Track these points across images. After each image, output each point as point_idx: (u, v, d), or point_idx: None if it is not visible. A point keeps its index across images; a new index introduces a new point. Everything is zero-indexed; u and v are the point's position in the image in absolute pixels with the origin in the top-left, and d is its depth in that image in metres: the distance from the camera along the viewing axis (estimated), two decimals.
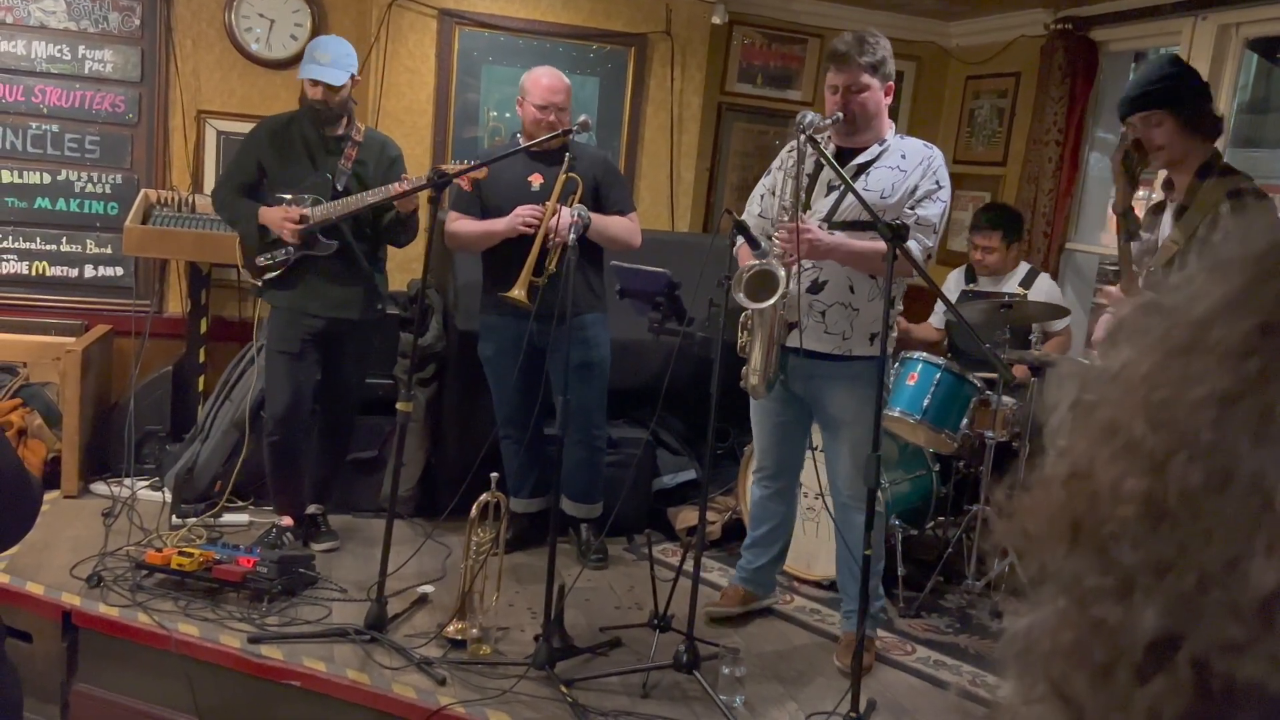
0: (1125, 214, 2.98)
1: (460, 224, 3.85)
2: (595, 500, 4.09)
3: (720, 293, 3.16)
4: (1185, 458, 0.43)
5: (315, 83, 3.66)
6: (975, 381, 3.99)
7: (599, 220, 3.69)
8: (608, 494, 4.09)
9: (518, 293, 3.55)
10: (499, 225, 3.72)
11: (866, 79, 3.14)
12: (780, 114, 5.58)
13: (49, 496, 4.12)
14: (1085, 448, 0.48)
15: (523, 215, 3.66)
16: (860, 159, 3.21)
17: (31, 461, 4.23)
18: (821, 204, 3.21)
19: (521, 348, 3.73)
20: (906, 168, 3.18)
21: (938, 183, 3.18)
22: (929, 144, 3.29)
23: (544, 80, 3.76)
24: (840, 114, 3.13)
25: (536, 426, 3.94)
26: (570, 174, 3.68)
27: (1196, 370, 0.44)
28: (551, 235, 3.61)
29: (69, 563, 3.59)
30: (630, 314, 4.17)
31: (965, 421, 3.97)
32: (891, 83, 3.23)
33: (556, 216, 3.60)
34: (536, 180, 3.78)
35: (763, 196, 3.40)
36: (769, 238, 3.17)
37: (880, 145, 3.23)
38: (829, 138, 3.23)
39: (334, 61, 3.67)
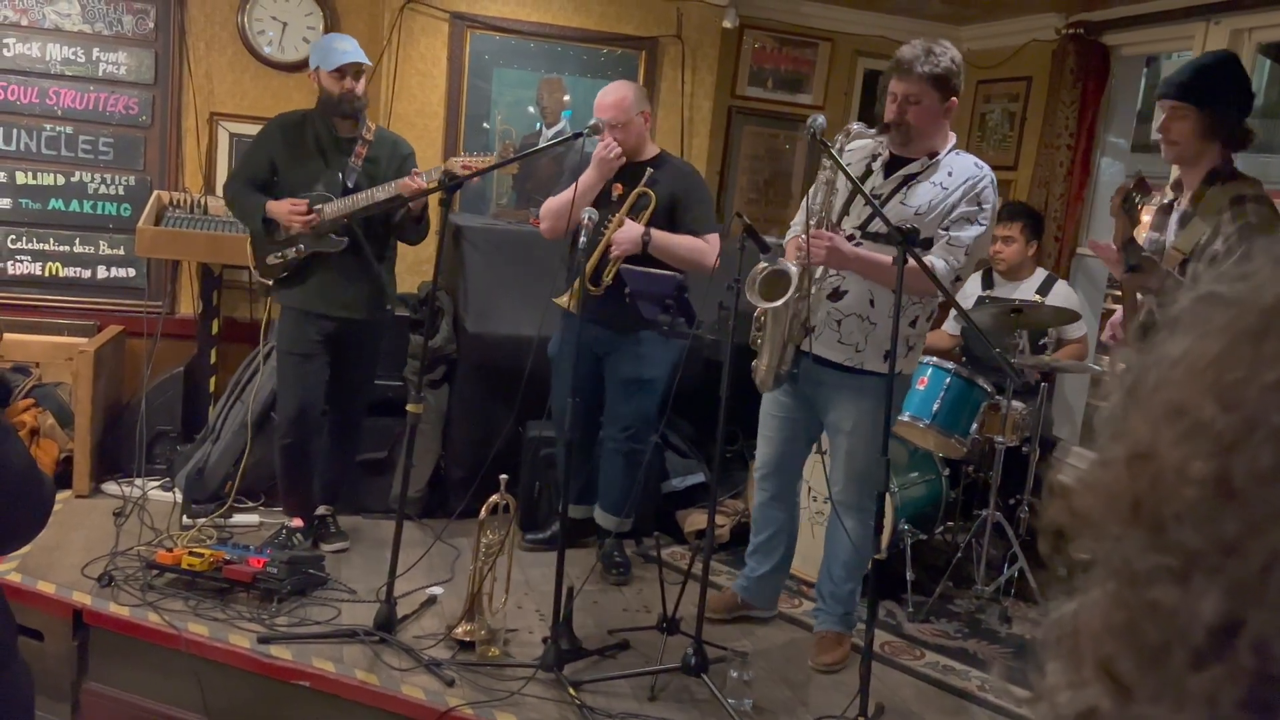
0: (1126, 246, 2.95)
1: (551, 200, 3.81)
2: (626, 514, 4.02)
3: (730, 295, 3.17)
4: (1256, 440, 0.43)
5: (342, 74, 3.66)
6: (985, 386, 3.99)
7: (661, 238, 3.65)
8: None
9: (567, 301, 3.55)
10: (588, 176, 3.67)
11: (925, 89, 3.09)
12: (790, 118, 5.58)
13: (60, 496, 4.14)
14: (1147, 430, 0.48)
15: (602, 151, 3.63)
16: (906, 170, 3.18)
17: (44, 461, 4.25)
18: (858, 213, 3.20)
19: (580, 351, 3.71)
20: (949, 186, 3.13)
21: (979, 204, 3.12)
22: (981, 163, 3.20)
23: (600, 101, 3.74)
24: (891, 123, 3.10)
25: (586, 433, 3.95)
26: (645, 189, 3.67)
27: (1269, 354, 0.45)
28: (612, 247, 3.62)
29: (80, 562, 3.60)
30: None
31: (975, 426, 3.97)
32: (955, 98, 3.16)
33: (620, 228, 3.61)
34: (617, 190, 3.76)
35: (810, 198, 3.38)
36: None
37: (929, 159, 3.17)
38: (884, 144, 3.21)
39: (355, 47, 3.73)
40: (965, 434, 3.96)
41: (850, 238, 3.15)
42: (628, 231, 3.65)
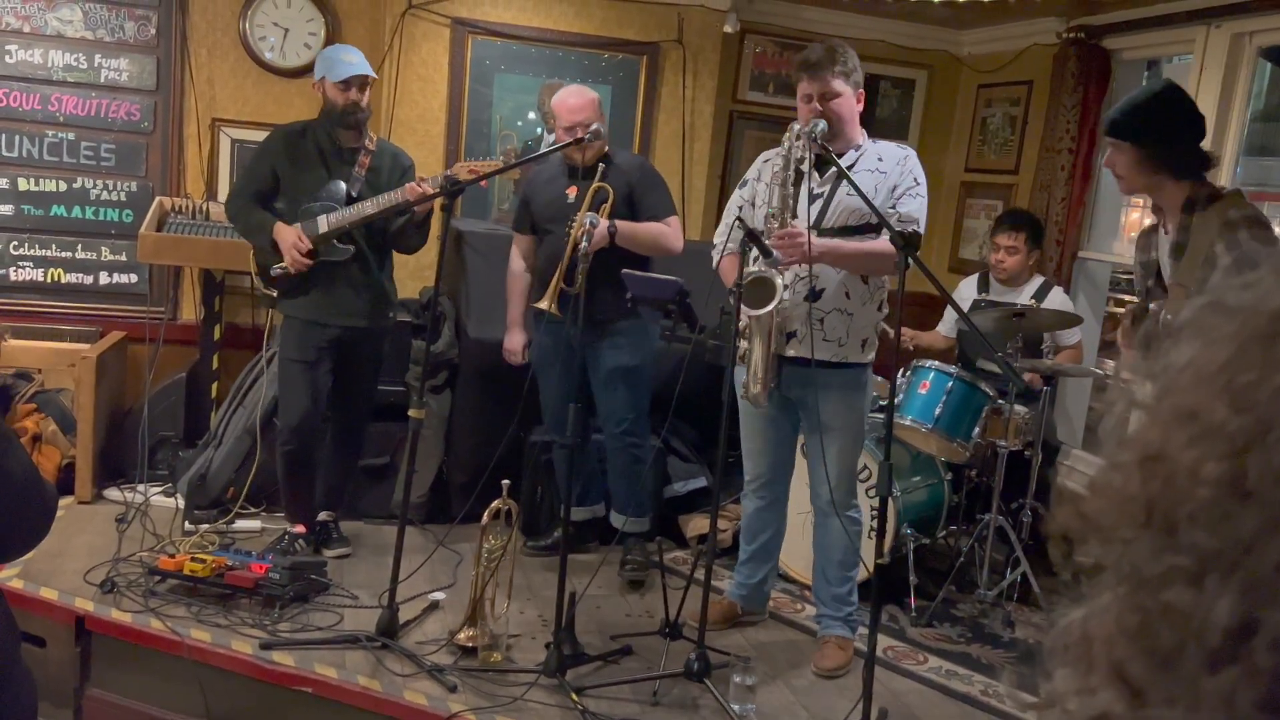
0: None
1: (512, 262, 4.10)
2: (638, 513, 4.02)
3: (731, 301, 3.17)
4: (1270, 441, 0.44)
5: (348, 86, 3.67)
6: (987, 390, 3.98)
7: (625, 227, 3.73)
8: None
9: (546, 304, 3.63)
10: (511, 311, 4.05)
11: (839, 85, 3.23)
12: (791, 122, 5.57)
13: (63, 502, 4.14)
14: (1158, 434, 0.48)
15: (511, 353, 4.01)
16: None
17: (46, 468, 4.25)
18: (806, 212, 3.23)
19: (563, 354, 3.76)
20: (885, 169, 3.26)
21: (915, 180, 3.25)
22: (902, 144, 3.40)
23: (567, 101, 3.81)
24: (823, 121, 3.19)
25: (580, 434, 3.97)
26: (601, 184, 3.74)
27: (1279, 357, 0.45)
28: (580, 246, 3.65)
29: (82, 568, 3.60)
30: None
31: (977, 430, 3.97)
32: (862, 90, 3.32)
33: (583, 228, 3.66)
34: (572, 193, 3.83)
35: (740, 208, 3.43)
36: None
37: (856, 150, 3.30)
38: (805, 146, 3.25)
39: (361, 59, 3.74)
40: (967, 438, 3.95)
41: None
42: (600, 230, 3.68)
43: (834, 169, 3.21)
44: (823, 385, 3.27)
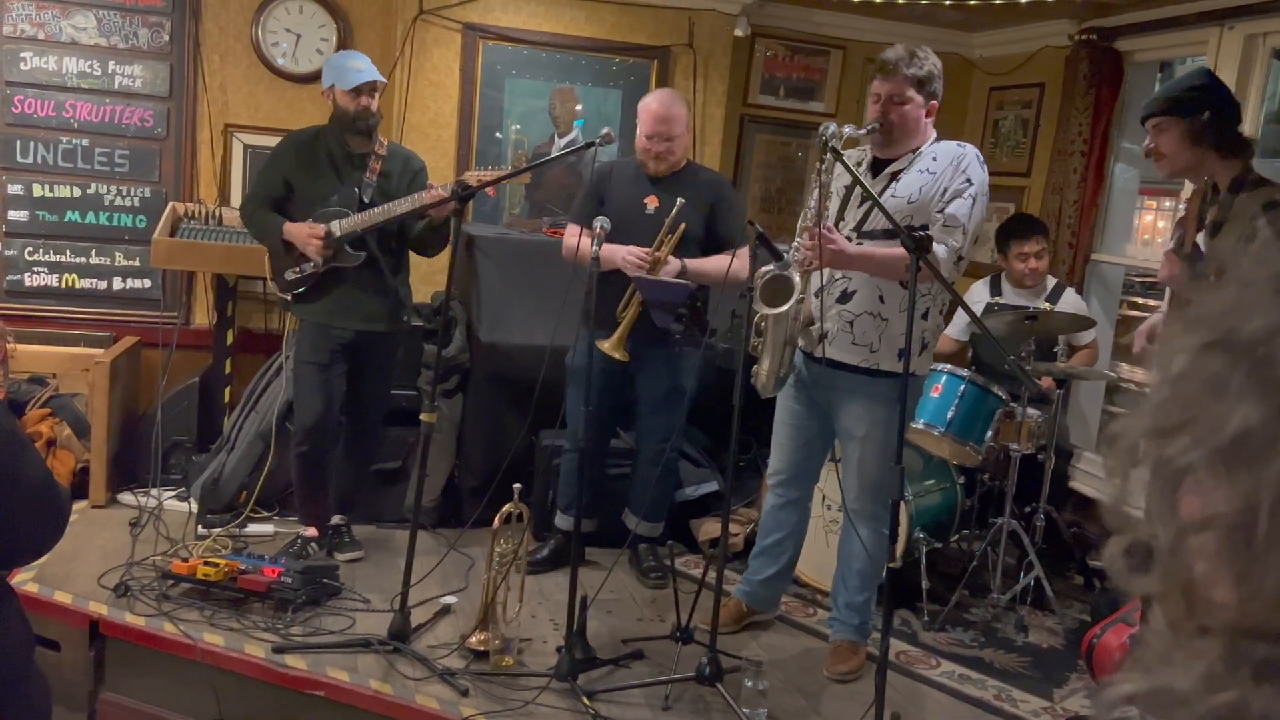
0: (1190, 256, 2.93)
1: (574, 240, 3.72)
2: (653, 518, 4.07)
3: (743, 304, 3.16)
4: None
5: (358, 93, 3.68)
6: (1000, 394, 3.97)
7: (695, 268, 3.68)
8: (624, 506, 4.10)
9: (616, 352, 3.57)
10: (614, 256, 3.64)
11: (910, 92, 3.11)
12: (802, 125, 5.58)
13: (77, 506, 4.16)
14: None
15: (631, 260, 3.63)
16: (891, 168, 3.19)
17: (60, 472, 4.27)
18: (854, 215, 3.20)
19: (607, 365, 3.74)
20: (936, 170, 3.13)
21: (968, 180, 3.10)
22: (962, 143, 3.21)
23: (651, 108, 3.76)
24: (877, 123, 3.12)
25: (603, 445, 4.00)
26: (681, 213, 3.65)
27: None
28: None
29: (96, 572, 3.62)
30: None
31: (990, 434, 3.95)
32: (936, 102, 3.18)
33: (663, 267, 3.64)
34: (652, 203, 3.77)
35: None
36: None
37: (914, 154, 3.18)
38: (867, 149, 3.22)
39: (369, 65, 3.75)
40: (980, 442, 3.94)
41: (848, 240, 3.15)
42: (667, 269, 3.65)
43: (888, 170, 3.18)
44: (847, 390, 3.23)
